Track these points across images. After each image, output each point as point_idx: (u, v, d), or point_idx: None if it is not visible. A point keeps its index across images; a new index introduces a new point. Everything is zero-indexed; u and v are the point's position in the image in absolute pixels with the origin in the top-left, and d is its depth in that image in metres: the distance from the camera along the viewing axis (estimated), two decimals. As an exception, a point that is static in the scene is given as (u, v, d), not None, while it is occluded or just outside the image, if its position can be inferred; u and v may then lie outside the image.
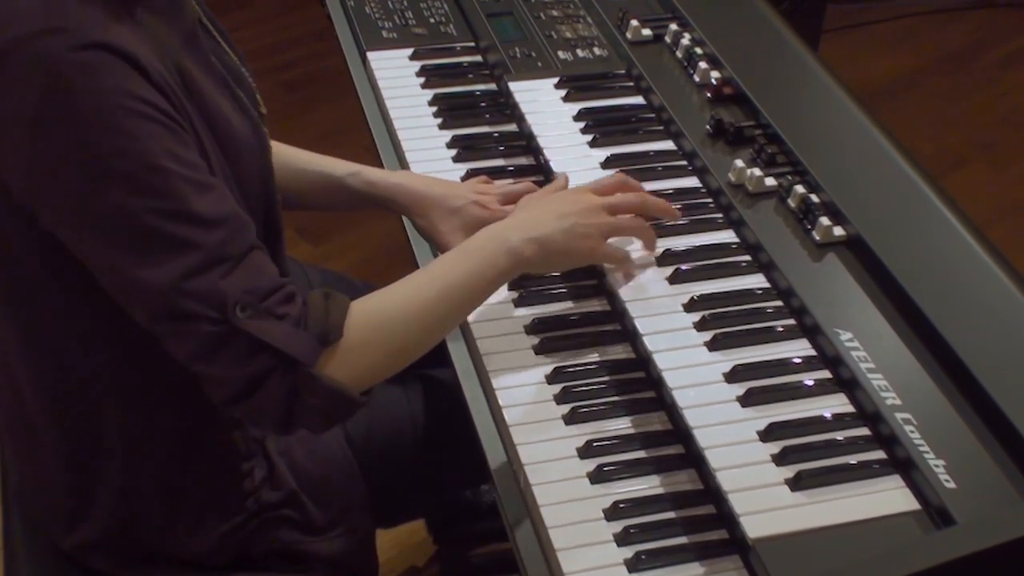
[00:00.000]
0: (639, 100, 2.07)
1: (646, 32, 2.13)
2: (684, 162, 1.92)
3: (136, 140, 1.35)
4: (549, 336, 1.69)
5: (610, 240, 1.70)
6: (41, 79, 1.33)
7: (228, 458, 1.67)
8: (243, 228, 1.44)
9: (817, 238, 1.69)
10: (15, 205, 1.42)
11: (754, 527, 1.37)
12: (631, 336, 1.68)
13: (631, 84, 2.10)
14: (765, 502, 1.40)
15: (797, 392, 1.53)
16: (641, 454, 1.55)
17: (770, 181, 1.78)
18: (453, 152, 2.02)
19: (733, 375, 1.55)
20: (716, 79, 1.99)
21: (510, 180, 1.94)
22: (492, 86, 2.18)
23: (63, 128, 1.34)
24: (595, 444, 1.54)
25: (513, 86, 2.08)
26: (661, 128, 1.99)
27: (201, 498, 1.66)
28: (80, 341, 1.54)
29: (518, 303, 1.74)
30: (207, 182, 1.42)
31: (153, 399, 1.58)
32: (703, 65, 2.01)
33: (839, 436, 1.47)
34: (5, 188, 1.41)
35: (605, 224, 1.67)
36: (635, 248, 1.74)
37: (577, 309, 1.75)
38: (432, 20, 2.32)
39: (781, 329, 1.62)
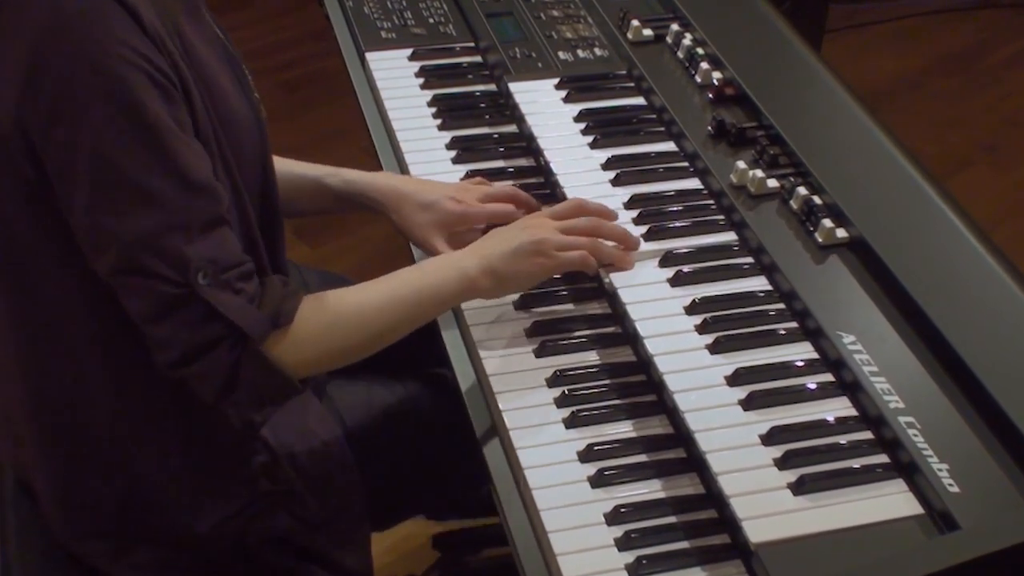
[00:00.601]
0: (640, 101, 2.07)
1: (647, 32, 2.13)
2: (686, 163, 1.92)
3: (128, 89, 1.38)
4: (549, 339, 1.69)
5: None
6: (44, 19, 1.37)
7: (226, 442, 1.67)
8: (217, 198, 1.48)
9: (820, 240, 1.69)
10: (12, 166, 1.44)
11: (756, 532, 1.37)
12: (632, 339, 1.68)
13: (632, 85, 2.10)
14: (767, 506, 1.40)
15: (799, 395, 1.53)
16: (642, 458, 1.55)
17: (772, 183, 1.78)
18: (453, 153, 2.03)
19: (735, 378, 1.55)
20: (718, 80, 1.99)
21: (510, 183, 1.94)
22: (492, 87, 2.18)
23: (58, 66, 1.37)
24: (596, 448, 1.54)
25: (513, 87, 2.08)
26: (662, 129, 1.99)
27: (199, 482, 1.66)
28: (74, 324, 1.55)
29: (518, 306, 1.75)
30: (191, 144, 1.45)
31: (149, 383, 1.58)
32: (705, 66, 2.01)
33: (842, 440, 1.47)
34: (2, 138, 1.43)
35: (554, 241, 1.68)
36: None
37: (577, 311, 1.75)
38: (431, 20, 2.32)
39: (783, 332, 1.62)
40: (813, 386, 1.54)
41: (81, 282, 1.51)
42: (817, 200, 1.73)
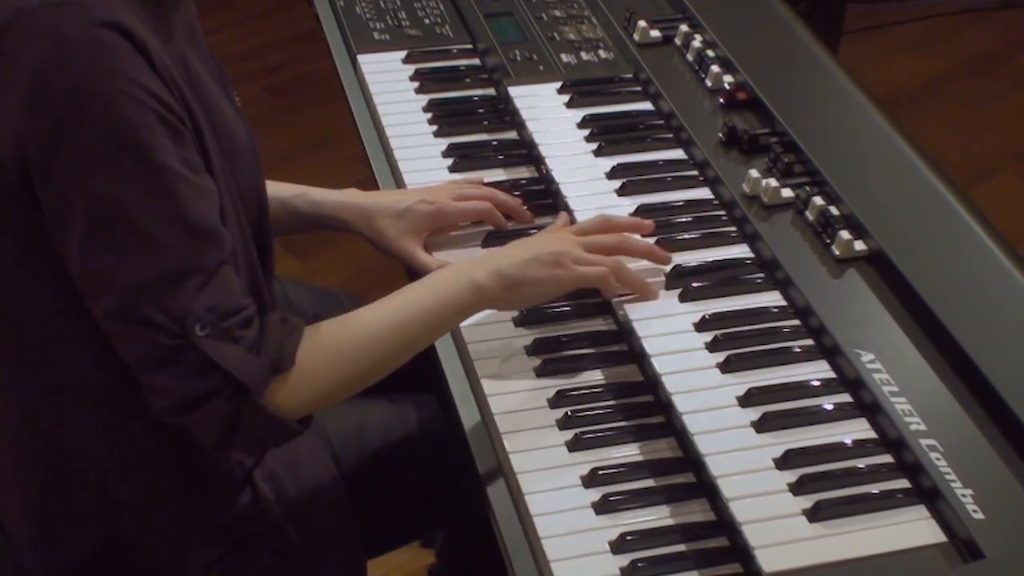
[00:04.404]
0: (647, 106, 2.07)
1: (655, 33, 2.14)
2: (695, 172, 1.92)
3: (136, 130, 1.38)
4: (551, 357, 1.70)
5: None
6: (48, 48, 1.36)
7: (210, 484, 1.67)
8: (221, 242, 1.48)
9: (837, 253, 1.69)
10: (9, 204, 1.44)
11: (770, 561, 1.37)
12: (639, 357, 1.68)
13: (639, 89, 2.10)
14: (781, 534, 1.40)
15: (815, 417, 1.53)
16: (649, 483, 1.55)
17: (787, 192, 1.78)
18: (449, 161, 2.03)
19: (747, 399, 1.56)
20: (729, 84, 2.00)
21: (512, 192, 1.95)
22: (491, 91, 2.18)
23: (63, 102, 1.36)
24: (600, 472, 1.55)
25: (513, 91, 2.09)
26: (671, 136, 2.00)
27: (181, 525, 1.66)
28: (69, 370, 1.55)
29: (518, 322, 1.75)
30: (201, 186, 1.45)
31: (133, 421, 1.59)
32: (715, 69, 2.02)
33: (860, 464, 1.48)
34: None
35: (574, 255, 1.68)
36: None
37: (581, 328, 1.75)
38: (427, 21, 2.33)
39: (798, 350, 1.62)
40: (830, 407, 1.54)
41: (79, 330, 1.51)
42: (834, 211, 1.73)
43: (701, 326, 1.66)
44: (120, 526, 1.64)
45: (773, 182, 1.78)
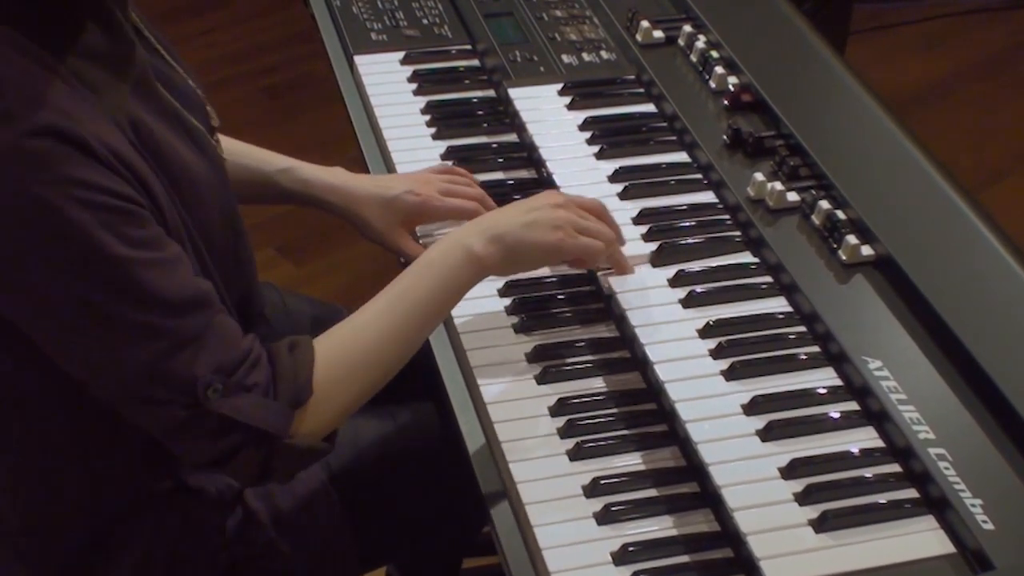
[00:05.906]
0: (650, 108, 2.07)
1: (657, 34, 2.14)
2: (699, 175, 1.93)
3: (90, 232, 1.35)
4: (552, 365, 1.69)
5: None
6: None
7: (198, 509, 1.67)
8: (207, 300, 1.47)
9: (844, 258, 1.69)
10: None
11: (775, 572, 1.38)
12: (641, 364, 1.68)
13: (641, 90, 2.10)
14: (787, 545, 1.40)
15: (822, 425, 1.53)
16: (652, 493, 1.55)
17: (792, 196, 1.78)
18: (448, 164, 2.03)
19: (752, 407, 1.56)
20: (734, 85, 2.00)
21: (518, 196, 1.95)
22: (490, 93, 2.19)
23: (11, 221, 1.34)
24: (602, 482, 1.55)
25: (513, 93, 2.09)
26: (674, 138, 2.00)
27: (169, 554, 1.66)
28: (35, 399, 1.54)
29: (518, 329, 1.75)
30: (168, 259, 1.43)
31: (116, 449, 1.58)
32: (719, 70, 2.02)
33: (867, 473, 1.48)
34: None
35: (573, 220, 1.68)
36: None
37: (583, 335, 1.75)
38: (425, 21, 2.33)
39: (804, 357, 1.62)
40: (836, 415, 1.55)
41: (48, 380, 1.50)
42: (840, 215, 1.73)
43: (705, 332, 1.66)
44: (103, 558, 1.63)
45: (778, 185, 1.78)
